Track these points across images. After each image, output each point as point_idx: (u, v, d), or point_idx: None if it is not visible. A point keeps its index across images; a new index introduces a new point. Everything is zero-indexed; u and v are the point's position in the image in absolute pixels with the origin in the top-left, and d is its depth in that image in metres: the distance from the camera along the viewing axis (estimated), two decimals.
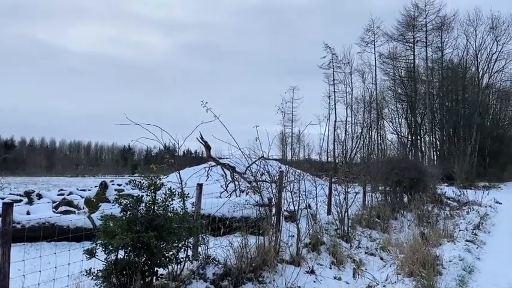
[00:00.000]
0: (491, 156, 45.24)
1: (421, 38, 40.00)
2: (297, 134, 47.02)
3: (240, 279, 5.11)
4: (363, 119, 43.23)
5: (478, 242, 9.82)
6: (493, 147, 44.74)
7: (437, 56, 41.15)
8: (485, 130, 41.57)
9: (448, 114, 41.39)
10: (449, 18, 39.47)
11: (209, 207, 6.45)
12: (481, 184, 32.15)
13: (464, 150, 37.25)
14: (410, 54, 41.24)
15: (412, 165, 15.56)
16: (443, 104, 41.68)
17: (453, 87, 41.20)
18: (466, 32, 40.57)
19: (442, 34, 40.05)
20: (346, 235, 8.38)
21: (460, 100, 41.11)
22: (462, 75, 41.14)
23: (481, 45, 40.63)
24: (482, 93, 41.31)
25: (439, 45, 40.47)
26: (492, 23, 39.69)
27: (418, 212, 12.35)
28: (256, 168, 7.36)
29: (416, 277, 5.88)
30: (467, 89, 41.39)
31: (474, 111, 38.94)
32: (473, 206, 16.78)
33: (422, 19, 39.57)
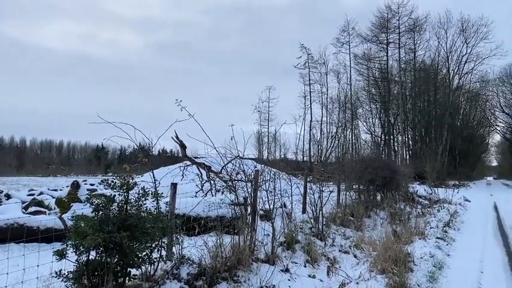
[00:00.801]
0: (461, 156, 46.66)
1: (394, 39, 40.85)
2: (273, 134, 47.20)
3: (215, 278, 5.08)
4: (338, 119, 43.83)
5: (448, 239, 10.08)
6: (463, 147, 46.18)
7: (409, 58, 42.12)
8: (455, 130, 42.82)
9: (420, 114, 42.40)
10: (421, 21, 40.51)
11: (184, 207, 6.39)
12: (451, 183, 33.08)
13: (435, 149, 38.20)
14: (384, 56, 42.06)
15: (385, 165, 15.86)
16: (416, 105, 42.67)
17: (425, 88, 42.25)
18: (438, 34, 41.78)
19: (415, 36, 41.06)
20: (320, 233, 8.46)
21: (432, 101, 42.18)
22: (434, 77, 42.24)
23: (451, 47, 41.91)
24: (453, 94, 42.52)
25: (412, 46, 41.47)
26: (462, 25, 41.00)
27: (391, 210, 12.60)
28: (232, 167, 7.34)
29: (389, 274, 5.99)
30: (439, 90, 42.52)
31: (445, 112, 40.02)
32: (444, 204, 17.24)
33: (395, 21, 40.43)
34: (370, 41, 41.87)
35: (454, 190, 21.94)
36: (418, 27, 40.61)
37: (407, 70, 42.84)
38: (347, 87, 43.17)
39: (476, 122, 51.76)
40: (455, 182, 35.26)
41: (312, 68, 43.93)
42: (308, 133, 43.40)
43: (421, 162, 30.72)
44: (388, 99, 42.11)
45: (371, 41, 41.85)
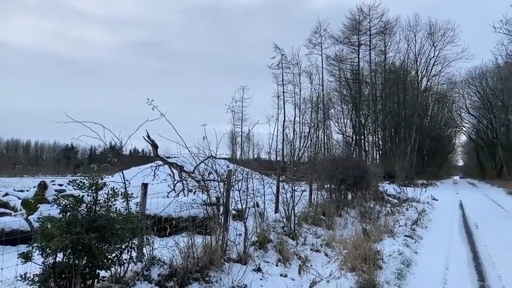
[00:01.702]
0: (429, 156, 48.05)
1: (366, 41, 41.62)
2: (246, 133, 47.23)
3: (186, 279, 5.05)
4: (310, 119, 44.26)
5: (416, 236, 10.35)
6: (431, 147, 47.57)
7: (380, 59, 43.03)
8: (423, 131, 44.01)
9: (390, 115, 43.36)
10: (391, 23, 41.43)
11: (155, 207, 6.32)
12: (419, 182, 33.97)
13: (404, 149, 39.15)
14: (355, 57, 42.82)
15: (355, 164, 16.11)
16: (386, 106, 43.60)
17: (395, 89, 43.23)
18: (407, 37, 42.87)
19: (385, 38, 41.96)
20: (292, 232, 8.53)
21: (401, 102, 43.22)
22: (403, 78, 43.27)
23: (420, 50, 43.08)
24: (421, 95, 43.72)
25: (382, 48, 42.37)
26: (430, 29, 42.19)
27: (361, 209, 12.84)
28: (204, 167, 7.31)
29: (358, 272, 6.10)
30: (408, 92, 43.60)
31: (414, 113, 41.07)
32: (412, 202, 17.70)
33: (367, 23, 41.22)
34: (342, 42, 42.56)
35: (422, 189, 22.57)
36: (389, 30, 41.58)
37: (378, 72, 43.73)
38: (319, 87, 43.68)
39: (444, 122, 53.38)
40: (424, 181, 36.22)
41: (285, 69, 44.26)
42: (281, 133, 43.68)
43: (391, 162, 31.45)
44: (359, 100, 42.86)
45: (343, 42, 42.54)
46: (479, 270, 7.44)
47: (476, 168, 62.16)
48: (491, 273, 7.19)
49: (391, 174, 27.56)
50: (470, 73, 46.81)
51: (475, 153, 62.39)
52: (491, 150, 49.37)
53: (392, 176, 27.40)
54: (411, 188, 23.99)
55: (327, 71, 43.98)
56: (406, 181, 28.87)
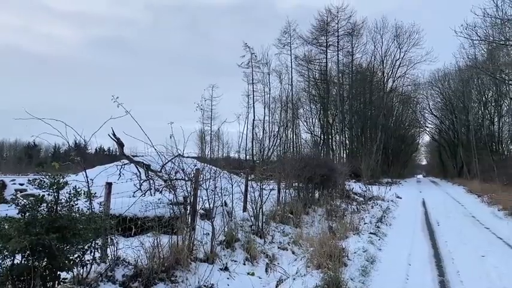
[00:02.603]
0: (394, 155, 49.38)
1: (333, 42, 42.21)
2: (215, 132, 46.99)
3: (152, 279, 4.98)
4: (279, 118, 44.49)
5: (380, 234, 10.61)
6: (396, 146, 48.90)
7: (348, 60, 43.75)
8: (389, 131, 45.18)
9: (357, 115, 44.22)
10: (359, 25, 42.22)
11: (120, 207, 6.19)
12: (384, 180, 34.83)
13: (370, 149, 40.02)
14: (324, 58, 43.34)
15: (323, 163, 16.33)
16: (353, 106, 44.42)
17: (362, 90, 44.12)
18: (374, 39, 43.85)
19: (353, 40, 42.68)
20: (260, 231, 8.56)
21: (368, 102, 44.15)
22: (370, 79, 44.23)
23: (386, 51, 44.18)
24: (387, 96, 44.83)
25: (350, 50, 43.09)
26: (396, 31, 43.32)
27: (328, 207, 13.03)
28: (171, 166, 7.22)
29: (324, 269, 6.19)
30: (374, 92, 44.60)
31: (379, 113, 42.06)
32: (377, 200, 18.14)
33: (335, 24, 41.79)
34: (310, 43, 42.99)
35: (386, 187, 23.19)
36: (356, 32, 42.36)
37: (345, 72, 44.48)
38: (289, 87, 43.99)
39: (408, 123, 54.93)
40: (388, 179, 37.18)
41: (255, 68, 44.27)
42: (251, 132, 43.69)
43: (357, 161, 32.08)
44: (327, 100, 43.47)
45: (311, 43, 42.99)
46: (440, 265, 7.71)
47: (439, 167, 64.36)
48: (451, 268, 7.46)
49: (358, 172, 28.12)
50: (434, 75, 48.46)
51: (437, 153, 64.56)
52: (453, 150, 51.24)
53: (358, 174, 27.96)
54: (376, 186, 24.58)
55: (296, 71, 44.42)
56: (371, 179, 29.53)
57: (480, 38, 17.05)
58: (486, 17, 13.81)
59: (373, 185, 25.46)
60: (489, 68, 22.95)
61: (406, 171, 61.07)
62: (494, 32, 18.05)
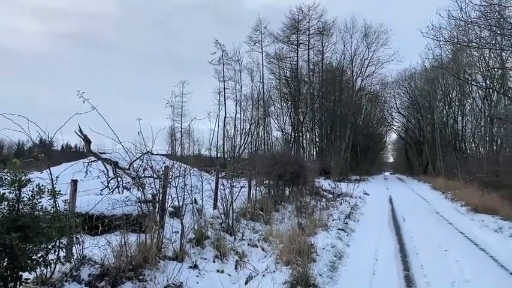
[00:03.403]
0: (362, 153, 50.41)
1: (304, 41, 42.54)
2: (186, 129, 46.55)
3: (119, 278, 4.89)
4: (251, 116, 44.54)
5: (348, 230, 10.81)
6: (364, 144, 49.93)
7: (318, 59, 44.20)
8: (357, 129, 46.05)
9: (327, 113, 44.82)
10: (329, 24, 42.70)
11: (86, 205, 6.04)
12: (353, 177, 35.48)
13: (339, 146, 40.68)
14: (294, 56, 43.62)
15: (293, 160, 16.49)
16: (323, 104, 44.97)
17: (331, 88, 44.71)
18: (344, 39, 44.57)
19: (323, 39, 43.13)
20: (230, 228, 8.56)
21: (337, 101, 44.80)
22: (339, 78, 44.88)
23: (355, 51, 44.97)
24: (356, 95, 45.69)
25: (320, 48, 43.53)
26: (365, 31, 44.17)
27: (298, 204, 13.16)
28: (139, 163, 7.11)
29: (293, 265, 6.26)
30: (344, 91, 45.31)
31: (349, 112, 42.79)
32: (346, 197, 18.47)
33: (306, 23, 42.09)
34: (281, 41, 43.18)
35: (355, 184, 23.62)
36: (326, 31, 42.82)
37: (315, 71, 44.96)
38: (260, 85, 44.05)
39: (376, 121, 56.16)
40: (357, 176, 37.90)
41: (227, 65, 44.08)
42: (222, 129, 43.54)
43: (327, 158, 32.53)
44: (298, 99, 43.83)
45: (282, 41, 43.17)
46: (405, 260, 7.93)
47: (405, 165, 66.08)
48: (415, 263, 7.69)
49: (327, 170, 28.50)
50: (401, 75, 49.67)
51: (404, 151, 66.29)
52: (419, 147, 52.74)
53: (328, 171, 28.34)
54: (345, 183, 25.00)
55: (267, 69, 44.53)
56: (340, 177, 30.00)
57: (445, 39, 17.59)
58: (451, 18, 14.25)
59: (342, 182, 25.90)
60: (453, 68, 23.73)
61: (374, 168, 62.46)
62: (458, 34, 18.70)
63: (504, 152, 21.22)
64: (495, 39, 15.01)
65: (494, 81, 21.15)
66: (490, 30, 14.00)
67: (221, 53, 43.35)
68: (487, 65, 21.78)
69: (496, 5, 12.98)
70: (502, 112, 21.65)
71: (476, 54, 22.14)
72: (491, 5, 12.95)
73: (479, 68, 22.81)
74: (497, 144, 23.86)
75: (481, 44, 15.71)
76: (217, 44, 43.09)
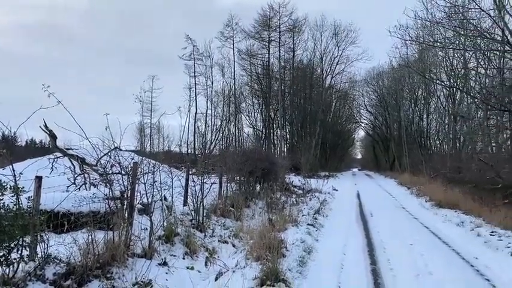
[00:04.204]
0: (331, 149, 51.14)
1: (275, 38, 42.70)
2: (156, 125, 45.88)
3: (86, 277, 4.79)
4: (222, 112, 44.32)
5: (318, 225, 10.97)
6: (333, 141, 50.68)
7: (289, 56, 44.50)
8: (327, 126, 46.69)
9: (297, 110, 45.22)
10: (300, 22, 43.02)
11: (51, 202, 5.86)
12: (322, 173, 35.98)
13: (309, 143, 41.14)
14: (266, 53, 43.70)
15: (264, 157, 16.56)
16: (293, 101, 45.33)
17: (302, 86, 45.13)
18: (314, 36, 45.02)
19: (294, 36, 43.42)
20: (201, 225, 8.53)
21: (308, 98, 45.27)
22: (310, 76, 45.35)
23: (325, 49, 45.52)
24: (326, 92, 46.30)
25: (291, 46, 43.83)
26: (335, 30, 44.76)
27: (268, 200, 13.24)
28: (107, 159, 6.96)
29: (263, 261, 6.29)
30: (314, 88, 45.81)
31: (318, 109, 43.32)
32: (315, 193, 18.71)
33: (277, 20, 42.23)
34: (253, 37, 43.14)
35: (324, 180, 24.00)
36: (297, 28, 43.11)
37: (287, 68, 45.23)
38: (231, 81, 43.87)
39: (345, 118, 57.14)
40: (326, 172, 38.44)
41: (198, 60, 43.57)
42: (193, 125, 43.11)
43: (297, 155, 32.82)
44: (269, 95, 43.97)
45: (254, 37, 43.15)
46: (372, 254, 8.12)
47: (373, 161, 67.61)
48: (382, 257, 7.89)
49: (297, 166, 28.76)
50: (369, 73, 50.71)
51: (371, 147, 67.79)
52: (385, 144, 54.06)
53: (298, 168, 28.61)
54: (315, 179, 25.33)
55: (238, 65, 44.39)
56: (310, 173, 30.34)
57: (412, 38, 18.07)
58: (417, 19, 14.65)
59: (312, 178, 26.20)
60: (419, 67, 24.40)
61: (343, 164, 63.57)
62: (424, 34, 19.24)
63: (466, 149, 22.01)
64: (459, 39, 15.52)
65: (457, 81, 21.90)
66: (454, 31, 14.47)
67: (192, 48, 42.88)
68: (451, 65, 22.51)
69: (460, 6, 13.42)
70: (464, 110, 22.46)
71: (441, 54, 22.88)
72: (455, 6, 13.38)
73: (443, 68, 23.56)
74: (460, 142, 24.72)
75: (446, 44, 16.23)
76: (188, 39, 42.56)
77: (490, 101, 14.81)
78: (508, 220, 10.54)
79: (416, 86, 35.94)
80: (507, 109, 14.33)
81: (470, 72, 19.22)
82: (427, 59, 24.95)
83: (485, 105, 15.83)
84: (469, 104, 21.85)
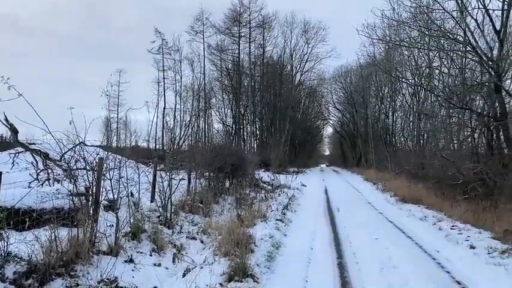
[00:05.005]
0: (300, 145, 51.71)
1: (246, 33, 42.58)
2: (122, 119, 44.90)
3: (48, 275, 4.65)
4: (191, 107, 43.87)
5: (286, 220, 11.09)
6: (302, 137, 51.24)
7: (259, 52, 44.50)
8: (296, 122, 47.10)
9: (267, 106, 45.37)
10: (270, 18, 43.08)
11: (11, 199, 5.65)
12: (291, 169, 36.34)
13: (279, 139, 41.40)
14: (236, 48, 43.55)
15: (234, 153, 16.54)
16: (263, 97, 45.44)
17: (272, 82, 45.28)
18: (284, 33, 45.24)
19: (264, 32, 43.47)
20: (168, 221, 8.43)
21: (278, 94, 45.48)
22: (280, 72, 45.55)
23: (295, 46, 45.85)
24: (295, 89, 46.66)
25: (261, 42, 43.84)
26: (304, 27, 45.14)
27: (238, 196, 13.24)
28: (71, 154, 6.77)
29: (231, 256, 6.31)
30: (283, 85, 46.07)
31: (288, 105, 43.63)
32: (284, 188, 18.88)
33: (247, 16, 42.11)
34: (223, 32, 42.83)
35: (293, 176, 24.25)
36: (267, 24, 43.17)
37: (257, 64, 45.21)
38: (201, 76, 43.41)
39: (314, 115, 57.83)
40: (295, 168, 38.86)
41: (166, 54, 42.95)
42: (161, 120, 42.45)
43: (267, 151, 33.01)
44: (240, 91, 43.87)
45: (224, 32, 42.85)
46: (339, 249, 8.29)
47: (340, 158, 68.81)
48: (348, 251, 8.07)
49: (267, 162, 28.92)
50: (337, 71, 51.44)
51: (339, 144, 69.00)
52: (353, 141, 55.12)
53: (267, 164, 28.77)
54: (284, 175, 25.56)
55: (208, 60, 43.95)
56: (279, 169, 30.58)
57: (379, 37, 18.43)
58: (384, 18, 14.96)
59: (281, 173, 26.43)
60: (386, 66, 24.96)
61: (311, 161, 64.31)
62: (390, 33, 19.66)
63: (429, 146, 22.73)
64: (423, 39, 15.97)
65: (422, 79, 22.53)
66: (419, 31, 14.89)
67: (161, 42, 42.21)
68: (416, 64, 23.14)
69: (425, 7, 13.81)
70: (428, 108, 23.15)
71: (406, 53, 23.47)
72: (420, 7, 13.76)
73: (409, 67, 24.20)
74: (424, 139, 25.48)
75: (411, 43, 16.66)
76: (157, 33, 41.88)
77: (452, 100, 15.35)
78: (468, 214, 10.99)
79: (383, 84, 36.74)
80: (468, 108, 14.91)
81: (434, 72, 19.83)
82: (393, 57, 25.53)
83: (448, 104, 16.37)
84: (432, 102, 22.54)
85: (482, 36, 13.29)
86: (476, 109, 15.36)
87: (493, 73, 12.43)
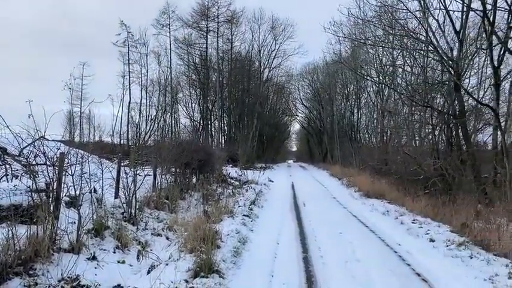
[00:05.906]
0: (268, 141, 52.06)
1: (214, 28, 42.25)
2: (86, 114, 43.68)
3: (5, 274, 4.48)
4: (158, 102, 43.17)
5: (253, 215, 11.13)
6: (270, 133, 51.58)
7: (227, 47, 44.30)
8: (264, 118, 47.31)
9: (235, 102, 45.31)
10: (238, 13, 42.93)
11: None
12: (259, 165, 36.47)
13: (247, 135, 41.48)
14: (204, 43, 43.16)
15: (201, 148, 16.43)
16: (231, 93, 45.34)
17: (240, 77, 45.22)
18: (252, 29, 45.29)
19: (232, 27, 43.29)
20: (133, 218, 8.28)
21: (246, 90, 45.47)
22: (248, 68, 45.54)
23: (263, 42, 45.99)
24: (263, 85, 46.83)
25: (229, 37, 43.66)
26: (272, 23, 45.32)
27: (205, 192, 13.18)
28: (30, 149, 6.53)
29: (197, 253, 6.27)
30: (252, 81, 46.10)
31: (256, 101, 43.73)
32: (252, 184, 18.94)
33: (215, 10, 41.78)
34: (190, 26, 42.32)
35: (260, 172, 24.36)
36: (235, 20, 42.98)
37: (225, 59, 44.99)
38: (168, 70, 42.77)
39: (281, 111, 58.28)
40: (262, 164, 39.04)
41: (132, 47, 42.06)
42: (126, 115, 41.56)
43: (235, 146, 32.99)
44: (207, 86, 43.53)
45: (191, 26, 42.33)
46: (304, 243, 8.40)
47: (307, 153, 69.70)
48: (313, 245, 8.19)
49: (235, 158, 28.92)
50: (305, 68, 52.03)
51: (306, 140, 69.86)
52: (319, 137, 55.96)
53: (235, 159, 28.77)
54: (251, 170, 25.64)
55: (175, 54, 43.34)
56: (247, 164, 30.62)
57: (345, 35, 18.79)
58: (350, 16, 15.23)
59: (249, 169, 26.47)
60: (351, 64, 25.45)
61: (279, 156, 64.83)
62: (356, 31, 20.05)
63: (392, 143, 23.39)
64: (388, 38, 16.38)
65: (386, 77, 23.14)
66: (383, 30, 15.26)
67: (126, 35, 41.29)
68: (380, 62, 23.75)
69: (389, 6, 14.16)
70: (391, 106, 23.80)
71: (371, 52, 24.03)
72: (385, 6, 14.10)
73: (373, 65, 24.81)
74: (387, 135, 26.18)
75: (376, 42, 17.06)
76: (123, 25, 40.96)
77: (415, 98, 15.86)
78: (428, 209, 11.40)
79: (349, 82, 37.42)
80: (429, 106, 15.43)
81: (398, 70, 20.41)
82: (359, 56, 26.08)
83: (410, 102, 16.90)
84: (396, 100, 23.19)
85: (443, 37, 13.79)
86: (437, 107, 15.94)
87: (453, 72, 12.92)
